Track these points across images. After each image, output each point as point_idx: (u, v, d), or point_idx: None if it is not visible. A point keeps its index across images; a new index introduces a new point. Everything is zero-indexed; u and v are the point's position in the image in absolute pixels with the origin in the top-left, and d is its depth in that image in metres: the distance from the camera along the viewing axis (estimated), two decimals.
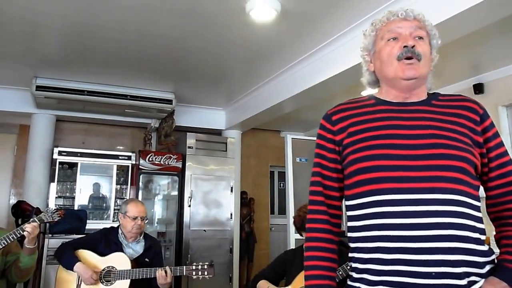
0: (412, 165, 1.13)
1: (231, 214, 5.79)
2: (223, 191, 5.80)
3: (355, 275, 1.20)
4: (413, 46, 1.21)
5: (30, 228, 2.45)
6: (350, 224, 1.23)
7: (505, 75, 4.46)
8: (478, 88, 4.63)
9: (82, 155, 5.47)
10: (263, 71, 4.85)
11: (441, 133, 1.17)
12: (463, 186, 1.12)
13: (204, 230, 5.57)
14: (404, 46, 1.21)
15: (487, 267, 1.12)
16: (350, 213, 1.24)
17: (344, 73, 3.82)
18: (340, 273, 2.32)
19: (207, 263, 2.75)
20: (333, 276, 1.23)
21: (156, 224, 5.86)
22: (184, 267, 2.76)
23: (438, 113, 1.22)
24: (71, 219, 4.82)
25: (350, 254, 1.23)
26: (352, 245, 1.23)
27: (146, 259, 2.87)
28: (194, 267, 2.73)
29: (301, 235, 2.79)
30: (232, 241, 5.77)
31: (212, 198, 5.72)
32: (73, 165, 5.48)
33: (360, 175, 1.19)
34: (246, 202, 6.90)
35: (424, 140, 1.16)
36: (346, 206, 1.28)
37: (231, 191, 5.84)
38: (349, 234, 1.24)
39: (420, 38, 1.25)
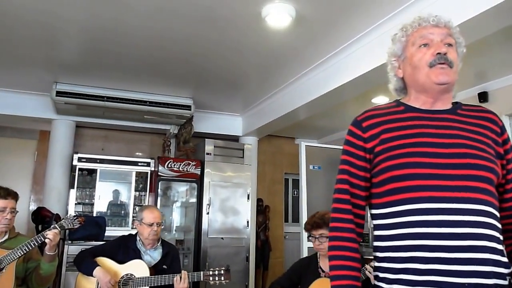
0: (445, 173, 1.13)
1: (248, 222, 5.75)
2: (240, 198, 5.77)
3: (384, 285, 1.17)
4: (445, 53, 1.23)
5: (51, 235, 2.45)
6: (379, 233, 1.22)
7: (509, 84, 4.41)
8: (483, 97, 4.59)
9: (102, 161, 5.50)
10: (278, 77, 4.86)
11: (469, 143, 1.18)
12: (490, 197, 1.14)
13: (222, 238, 5.54)
14: (437, 53, 1.23)
15: (507, 279, 1.12)
16: (379, 221, 1.23)
17: (357, 80, 3.82)
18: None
19: (223, 268, 2.76)
20: (359, 286, 1.21)
21: (174, 232, 5.85)
22: (202, 272, 2.79)
23: (464, 123, 1.24)
24: (90, 225, 4.85)
25: (378, 264, 1.22)
26: (380, 254, 1.21)
27: (164, 266, 2.88)
28: (211, 273, 2.75)
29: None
30: (249, 249, 5.74)
31: (230, 205, 5.70)
32: (92, 172, 5.51)
33: (394, 183, 1.18)
34: (261, 210, 6.88)
35: (454, 149, 1.17)
36: (373, 214, 1.27)
37: (248, 198, 5.81)
38: (377, 243, 1.23)
39: (450, 45, 1.26)
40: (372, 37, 3.55)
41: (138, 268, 2.76)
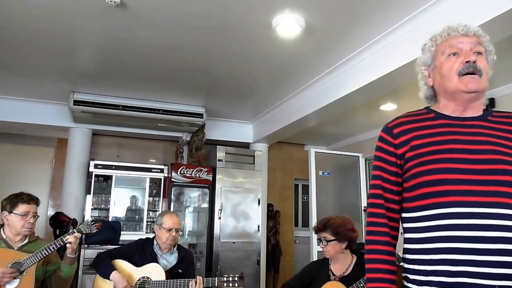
0: (475, 179, 1.16)
1: (259, 227, 5.83)
2: (251, 204, 5.84)
3: (415, 287, 1.21)
4: (474, 62, 1.25)
5: (73, 238, 2.53)
6: (409, 236, 1.26)
7: None
8: (490, 103, 4.55)
9: (117, 168, 5.61)
10: (288, 85, 4.91)
11: (499, 149, 1.20)
12: None
13: (233, 242, 5.62)
14: (467, 62, 1.25)
15: None
16: (409, 225, 1.27)
17: (366, 87, 3.85)
18: (361, 285, 2.34)
19: (237, 275, 2.77)
20: None
21: (187, 236, 5.94)
22: (216, 278, 2.80)
23: (494, 129, 1.25)
24: (106, 230, 4.92)
25: (407, 266, 1.26)
26: (409, 256, 1.25)
27: (179, 270, 2.92)
28: (225, 279, 2.75)
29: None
30: (259, 253, 5.80)
31: (241, 210, 5.77)
32: (108, 178, 5.62)
33: (424, 188, 1.21)
34: (272, 215, 6.93)
35: (484, 156, 1.19)
36: (404, 218, 1.30)
37: (259, 203, 5.88)
38: (407, 246, 1.27)
39: (479, 53, 1.28)
40: (380, 46, 3.58)
41: (154, 271, 2.79)
